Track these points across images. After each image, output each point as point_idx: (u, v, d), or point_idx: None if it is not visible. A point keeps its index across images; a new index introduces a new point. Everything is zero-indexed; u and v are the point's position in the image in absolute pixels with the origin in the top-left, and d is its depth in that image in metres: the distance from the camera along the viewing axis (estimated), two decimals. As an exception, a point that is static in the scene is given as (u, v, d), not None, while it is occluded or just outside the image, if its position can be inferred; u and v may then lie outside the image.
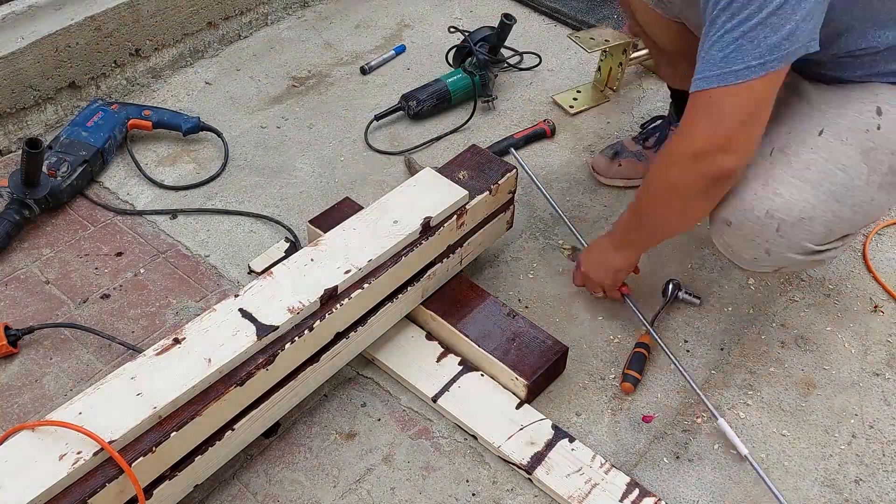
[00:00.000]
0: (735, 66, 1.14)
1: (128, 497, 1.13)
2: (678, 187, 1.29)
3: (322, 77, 2.23)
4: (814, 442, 1.42)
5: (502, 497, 1.33)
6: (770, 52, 1.13)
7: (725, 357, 1.55)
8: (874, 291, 1.69)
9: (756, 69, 1.14)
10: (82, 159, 1.80)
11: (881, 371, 1.54)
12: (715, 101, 1.18)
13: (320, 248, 1.40)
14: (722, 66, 1.15)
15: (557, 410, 1.45)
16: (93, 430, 1.10)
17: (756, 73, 1.14)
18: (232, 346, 1.23)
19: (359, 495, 1.33)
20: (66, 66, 1.96)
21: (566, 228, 1.77)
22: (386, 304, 1.44)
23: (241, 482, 1.34)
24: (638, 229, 1.46)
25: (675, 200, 1.32)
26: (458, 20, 2.45)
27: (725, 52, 1.15)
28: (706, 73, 1.17)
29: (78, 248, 1.71)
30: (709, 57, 1.17)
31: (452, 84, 2.09)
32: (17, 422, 1.40)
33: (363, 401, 1.46)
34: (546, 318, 1.60)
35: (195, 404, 1.18)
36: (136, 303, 1.61)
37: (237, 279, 1.67)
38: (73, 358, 1.50)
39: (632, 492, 1.31)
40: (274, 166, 1.94)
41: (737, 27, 1.13)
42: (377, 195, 1.59)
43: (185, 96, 2.14)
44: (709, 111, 1.19)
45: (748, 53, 1.13)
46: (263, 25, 2.41)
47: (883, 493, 1.36)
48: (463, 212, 1.50)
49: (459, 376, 1.46)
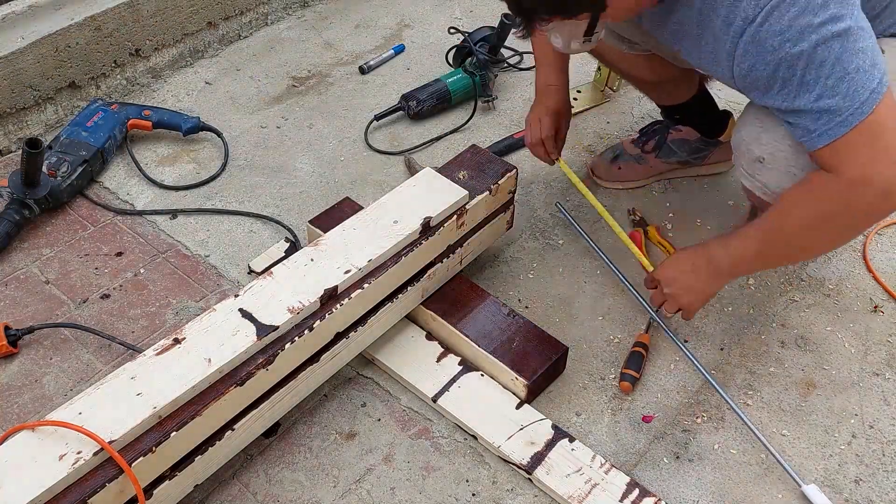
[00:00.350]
0: (854, 102, 1.15)
1: (128, 497, 1.13)
2: (860, 223, 1.29)
3: (322, 77, 2.23)
4: (814, 442, 1.42)
5: (502, 497, 1.33)
6: (875, 69, 1.14)
7: (725, 357, 1.55)
8: (874, 291, 1.69)
9: (878, 90, 1.15)
10: (82, 159, 1.80)
11: (881, 371, 1.54)
12: (872, 136, 1.17)
13: (320, 248, 1.40)
14: (849, 104, 1.15)
15: (557, 410, 1.45)
16: (93, 430, 1.10)
17: (880, 94, 1.15)
18: (232, 346, 1.23)
19: (359, 495, 1.33)
20: (66, 66, 1.96)
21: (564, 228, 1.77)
22: (386, 304, 1.44)
23: (241, 482, 1.34)
24: (772, 261, 1.46)
25: (850, 233, 1.34)
26: (458, 20, 2.45)
27: (843, 93, 1.15)
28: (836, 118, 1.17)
29: (78, 248, 1.71)
30: (825, 107, 1.17)
31: (452, 84, 2.09)
32: (17, 422, 1.40)
33: (363, 401, 1.46)
34: (546, 318, 1.60)
35: (195, 404, 1.18)
36: (136, 303, 1.61)
37: (237, 279, 1.67)
38: (73, 358, 1.50)
39: (632, 492, 1.31)
40: (274, 166, 1.94)
41: (833, 69, 1.14)
42: (377, 195, 1.59)
43: (185, 96, 2.14)
44: (872, 147, 1.17)
45: (862, 83, 1.14)
46: (263, 25, 2.41)
47: (883, 493, 1.36)
48: (463, 212, 1.50)
49: (459, 376, 1.46)
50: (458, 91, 2.10)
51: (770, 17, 1.14)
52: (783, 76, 1.17)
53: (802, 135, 1.22)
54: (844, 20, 1.13)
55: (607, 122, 2.10)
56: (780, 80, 1.18)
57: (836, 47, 1.13)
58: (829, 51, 1.13)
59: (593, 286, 1.67)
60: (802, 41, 1.13)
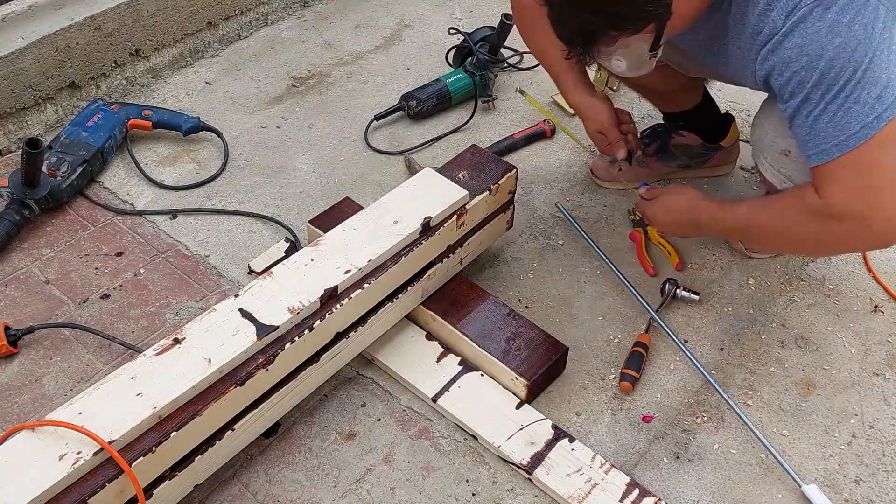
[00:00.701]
0: (842, 134, 1.16)
1: (128, 497, 1.13)
2: (833, 248, 1.35)
3: (322, 77, 2.23)
4: (814, 442, 1.42)
5: (502, 497, 1.33)
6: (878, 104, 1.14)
7: (725, 357, 1.55)
8: (874, 291, 1.69)
9: (872, 126, 1.15)
10: (82, 159, 1.80)
11: (881, 371, 1.54)
12: (853, 171, 1.18)
13: (320, 248, 1.40)
14: (837, 133, 1.16)
15: (557, 410, 1.45)
16: (93, 430, 1.10)
17: (874, 129, 1.15)
18: (232, 346, 1.23)
19: (359, 495, 1.33)
20: (66, 66, 1.96)
21: (564, 228, 1.77)
22: (386, 304, 1.44)
23: (241, 482, 1.34)
24: (745, 241, 1.52)
25: (823, 250, 1.41)
26: (458, 20, 2.45)
27: (836, 121, 1.15)
28: (822, 145, 1.18)
29: (78, 248, 1.71)
30: (817, 131, 1.18)
31: (452, 84, 2.09)
32: (17, 422, 1.40)
33: (363, 401, 1.46)
34: (546, 318, 1.60)
35: (195, 404, 1.18)
36: (136, 303, 1.61)
37: (237, 279, 1.67)
38: (73, 358, 1.50)
39: (632, 492, 1.31)
40: (274, 166, 1.94)
41: (837, 95, 1.14)
42: (377, 195, 1.59)
43: (185, 96, 2.14)
44: (852, 183, 1.18)
45: (856, 115, 1.14)
46: (263, 25, 2.41)
47: (883, 493, 1.36)
48: (463, 212, 1.50)
49: (459, 376, 1.46)
50: (458, 91, 2.10)
51: (796, 29, 1.15)
52: (792, 90, 1.19)
53: (799, 147, 1.25)
54: (866, 45, 1.12)
55: (607, 122, 2.10)
56: (788, 91, 1.20)
57: (848, 73, 1.13)
58: (840, 75, 1.13)
59: (593, 286, 1.67)
60: (819, 59, 1.14)
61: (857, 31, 1.12)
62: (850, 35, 1.12)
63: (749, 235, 1.51)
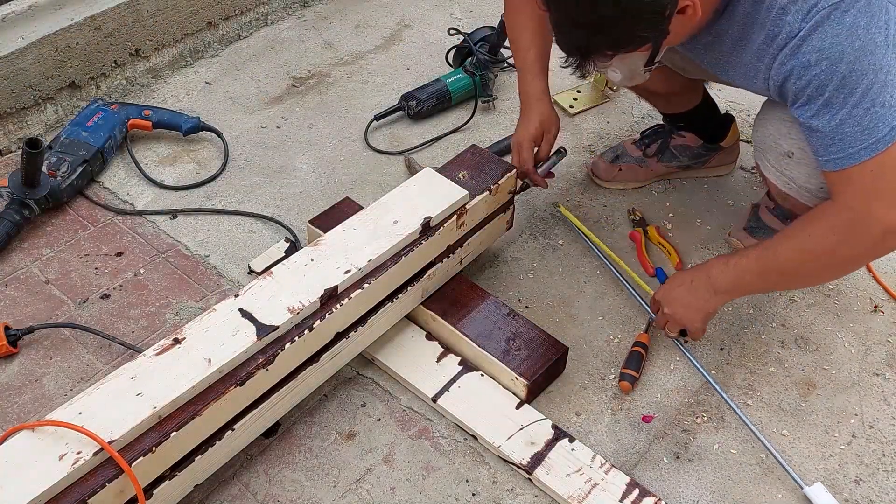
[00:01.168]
0: (871, 138, 1.15)
1: (128, 497, 1.13)
2: (859, 258, 1.29)
3: (322, 77, 2.23)
4: (814, 442, 1.42)
5: (502, 497, 1.33)
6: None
7: (725, 357, 1.55)
8: (874, 291, 1.69)
9: (892, 133, 1.14)
10: (82, 159, 1.80)
11: (881, 371, 1.54)
12: (879, 174, 1.17)
13: (320, 248, 1.40)
14: (865, 137, 1.15)
15: (557, 410, 1.45)
16: (93, 430, 1.10)
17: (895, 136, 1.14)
18: (232, 346, 1.23)
19: (359, 495, 1.33)
20: (66, 66, 1.96)
21: (564, 228, 1.77)
22: (386, 304, 1.44)
23: (241, 482, 1.34)
24: (771, 284, 1.42)
25: (848, 266, 1.33)
26: (458, 20, 2.45)
27: (863, 125, 1.14)
28: (848, 149, 1.17)
29: (78, 248, 1.71)
30: (842, 135, 1.17)
31: (452, 84, 2.09)
32: (17, 422, 1.40)
33: (363, 401, 1.46)
34: (546, 318, 1.60)
35: (195, 404, 1.18)
36: (136, 303, 1.61)
37: (237, 279, 1.67)
38: (73, 358, 1.50)
39: (632, 492, 1.31)
40: (274, 166, 1.94)
41: (862, 98, 1.13)
42: (377, 195, 1.59)
43: (185, 96, 2.14)
44: (876, 186, 1.17)
45: (883, 118, 1.14)
46: (263, 25, 2.41)
47: (883, 492, 1.36)
48: (463, 212, 1.50)
49: (459, 376, 1.46)
50: (458, 91, 2.10)
51: (815, 33, 1.14)
52: (810, 93, 1.18)
53: (815, 151, 1.22)
54: (884, 48, 1.12)
55: (607, 122, 2.10)
56: (806, 95, 1.18)
57: (869, 76, 1.12)
58: (862, 79, 1.13)
59: (593, 286, 1.67)
60: (840, 63, 1.13)
61: (874, 33, 1.12)
62: (868, 38, 1.11)
63: (770, 277, 1.36)
